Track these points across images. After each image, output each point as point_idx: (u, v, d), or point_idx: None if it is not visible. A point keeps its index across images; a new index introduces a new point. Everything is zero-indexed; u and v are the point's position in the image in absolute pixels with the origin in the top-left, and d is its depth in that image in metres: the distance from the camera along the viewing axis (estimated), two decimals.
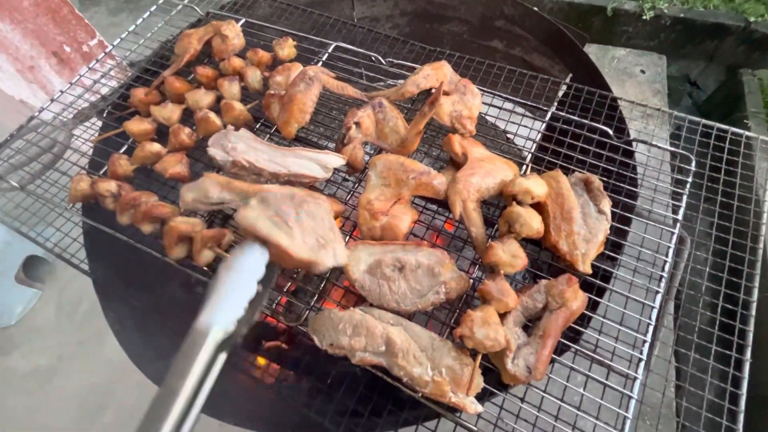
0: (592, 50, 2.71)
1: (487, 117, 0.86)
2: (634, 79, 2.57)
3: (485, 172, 0.65)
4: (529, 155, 0.74)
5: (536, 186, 0.62)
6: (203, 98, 0.79)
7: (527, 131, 0.81)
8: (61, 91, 0.90)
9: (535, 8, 1.12)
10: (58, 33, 1.64)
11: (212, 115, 0.76)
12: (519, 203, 0.63)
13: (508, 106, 0.86)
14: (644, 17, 2.65)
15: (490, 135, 0.83)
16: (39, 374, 1.94)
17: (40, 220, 0.77)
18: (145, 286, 0.82)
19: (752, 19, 2.56)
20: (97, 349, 1.98)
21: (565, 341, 0.62)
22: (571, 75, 1.01)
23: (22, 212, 0.78)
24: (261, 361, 0.97)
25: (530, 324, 0.59)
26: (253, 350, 0.99)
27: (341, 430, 0.59)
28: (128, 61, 1.11)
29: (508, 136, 0.87)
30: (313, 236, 0.56)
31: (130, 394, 1.87)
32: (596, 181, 0.65)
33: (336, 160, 0.70)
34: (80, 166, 0.83)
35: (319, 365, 0.78)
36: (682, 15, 2.63)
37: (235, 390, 0.79)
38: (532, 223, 0.60)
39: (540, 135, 0.76)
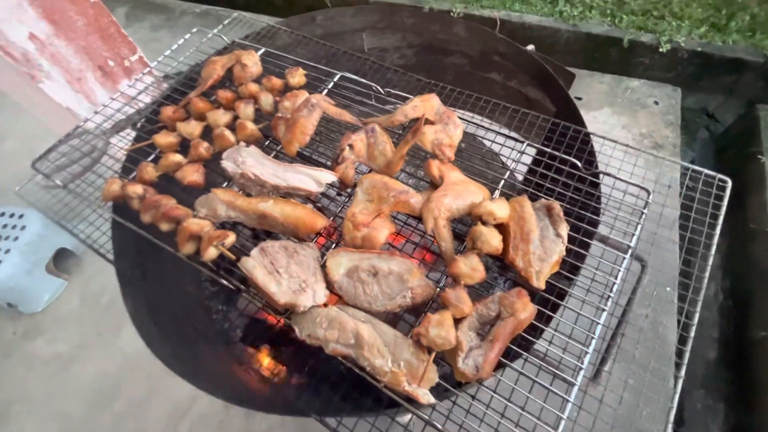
0: (606, 80, 2.78)
1: (484, 141, 0.96)
2: (647, 109, 2.62)
3: (456, 194, 0.75)
4: (502, 181, 0.84)
5: (499, 209, 0.71)
6: (221, 117, 0.93)
7: (506, 160, 0.90)
8: (104, 105, 1.06)
9: (531, 46, 1.22)
10: (104, 49, 1.84)
11: (227, 133, 0.89)
12: (484, 223, 0.72)
13: (496, 134, 0.96)
14: (661, 50, 2.71)
15: (487, 158, 0.93)
16: (59, 360, 2.10)
17: (76, 215, 0.91)
18: (160, 277, 0.94)
19: None
20: (113, 341, 2.13)
21: (517, 349, 0.70)
22: (555, 110, 1.10)
23: (62, 207, 0.93)
24: (262, 358, 1.08)
25: (483, 331, 0.68)
26: (254, 347, 1.10)
27: (314, 409, 0.69)
28: (163, 74, 1.28)
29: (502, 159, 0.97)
30: (297, 282, 0.69)
31: (140, 386, 2.01)
32: (557, 207, 0.74)
33: (328, 177, 0.81)
34: (114, 170, 0.97)
35: (305, 361, 0.88)
36: (699, 49, 2.67)
37: (237, 377, 0.89)
38: (491, 241, 0.69)
39: (514, 164, 0.85)
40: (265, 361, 1.00)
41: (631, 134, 2.53)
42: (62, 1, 1.64)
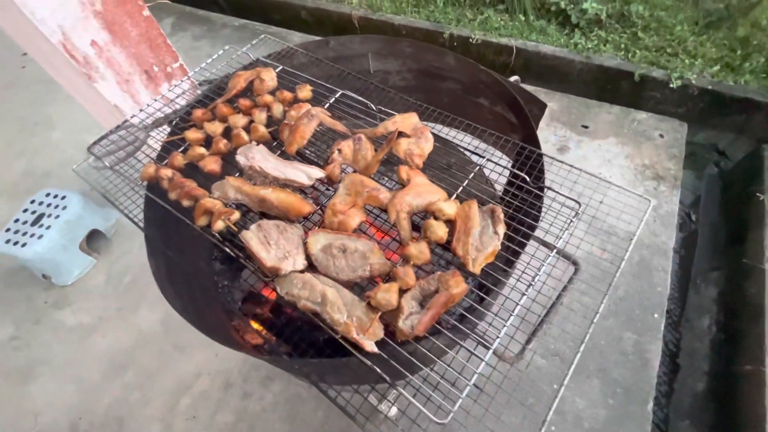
0: (614, 111, 2.92)
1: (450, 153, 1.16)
2: (652, 142, 2.74)
3: (417, 194, 0.94)
4: (461, 187, 1.03)
5: (448, 207, 0.91)
6: (240, 121, 1.17)
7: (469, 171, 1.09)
8: (147, 104, 1.33)
9: (516, 77, 1.41)
10: (151, 56, 2.16)
11: (243, 133, 1.13)
12: (435, 218, 0.92)
13: (464, 149, 1.16)
14: (671, 85, 2.84)
15: (454, 168, 1.13)
16: (82, 329, 2.37)
17: (118, 191, 1.15)
18: (179, 247, 1.17)
19: None
20: (131, 317, 2.39)
21: (456, 323, 0.88)
22: (522, 134, 1.28)
23: (108, 184, 1.18)
24: (254, 324, 1.29)
25: (425, 302, 0.86)
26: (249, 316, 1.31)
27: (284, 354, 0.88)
28: (199, 81, 1.54)
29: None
30: (282, 252, 0.89)
31: (151, 360, 2.24)
32: (498, 210, 0.93)
33: (317, 173, 1.03)
34: (151, 157, 1.22)
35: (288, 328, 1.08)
36: (710, 87, 2.79)
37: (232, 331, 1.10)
38: (438, 231, 0.88)
39: (473, 174, 1.04)
40: (255, 325, 1.20)
41: (633, 164, 2.66)
42: (121, 15, 1.96)
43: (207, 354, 2.19)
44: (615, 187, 0.98)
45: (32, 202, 2.50)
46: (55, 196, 2.54)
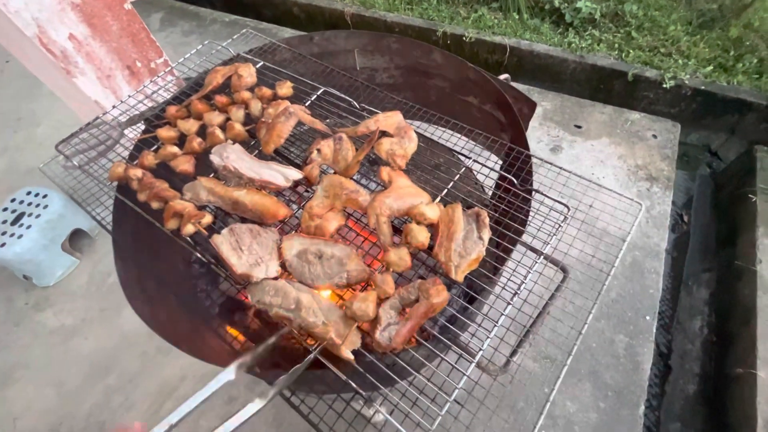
0: (607, 111, 2.89)
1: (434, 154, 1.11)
2: (645, 142, 2.71)
3: (398, 197, 0.89)
4: (445, 190, 0.98)
5: (430, 212, 0.86)
6: (215, 118, 1.11)
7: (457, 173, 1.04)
8: (122, 101, 1.26)
9: (506, 75, 1.37)
10: (134, 51, 2.09)
11: (218, 131, 1.07)
12: (418, 222, 0.86)
13: (449, 150, 1.10)
14: (664, 85, 2.81)
15: (439, 170, 1.08)
16: (63, 331, 2.30)
17: (86, 191, 1.09)
18: (152, 251, 1.11)
19: None
20: (114, 318, 2.32)
21: (437, 334, 0.83)
22: (510, 134, 1.23)
23: (76, 184, 1.12)
24: (231, 331, 1.23)
25: (404, 311, 0.81)
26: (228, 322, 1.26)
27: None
28: (183, 77, 1.48)
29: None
30: (255, 258, 0.84)
31: (134, 363, 2.18)
32: (483, 214, 0.88)
33: (295, 174, 0.97)
34: (123, 157, 1.16)
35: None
36: (702, 87, 2.76)
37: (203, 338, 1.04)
38: (419, 236, 0.83)
39: (458, 176, 0.99)
40: (232, 332, 1.15)
41: (626, 164, 2.62)
42: (101, 8, 1.88)
43: (191, 357, 2.13)
44: (606, 191, 0.93)
45: (12, 200, 2.42)
46: (36, 195, 2.46)
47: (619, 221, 0.96)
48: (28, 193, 2.46)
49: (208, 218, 0.93)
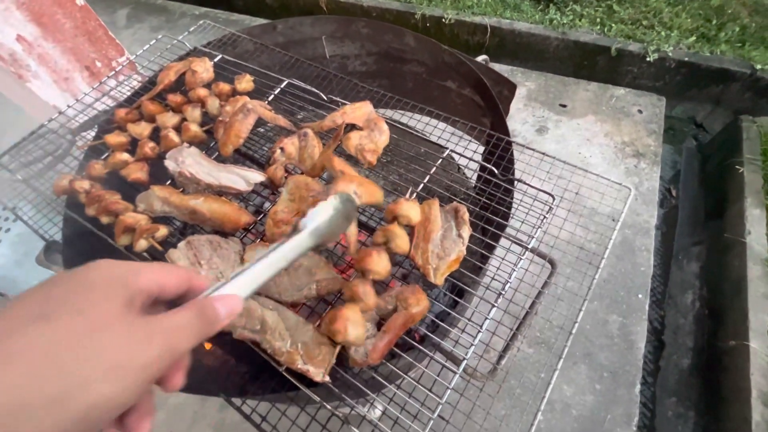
0: (591, 88, 2.82)
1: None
2: (631, 118, 2.65)
3: (361, 186, 0.80)
4: (421, 185, 0.90)
5: (414, 213, 0.78)
6: (169, 120, 1.01)
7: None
8: (68, 106, 1.15)
9: (484, 56, 1.28)
10: (92, 50, 1.95)
11: (172, 134, 0.97)
12: (399, 223, 0.78)
13: (425, 140, 1.02)
14: (648, 59, 2.74)
15: (414, 162, 1.00)
16: None
17: (33, 207, 1.00)
18: None
19: (758, 66, 2.60)
20: None
21: (416, 344, 0.76)
22: (491, 120, 1.15)
23: (21, 200, 1.02)
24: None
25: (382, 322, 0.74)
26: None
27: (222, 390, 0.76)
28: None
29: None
30: (215, 272, 0.76)
31: None
32: (462, 209, 0.80)
33: (257, 177, 0.89)
34: (72, 167, 1.06)
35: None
36: (686, 59, 2.70)
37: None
38: (403, 245, 0.76)
39: (434, 168, 0.91)
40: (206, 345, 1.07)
41: (613, 142, 2.56)
42: (50, 5, 1.75)
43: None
44: (592, 176, 0.86)
45: None
46: (4, 208, 2.33)
47: (607, 207, 0.89)
48: None
49: (162, 231, 0.84)
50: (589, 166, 2.48)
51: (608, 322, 2.15)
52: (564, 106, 2.78)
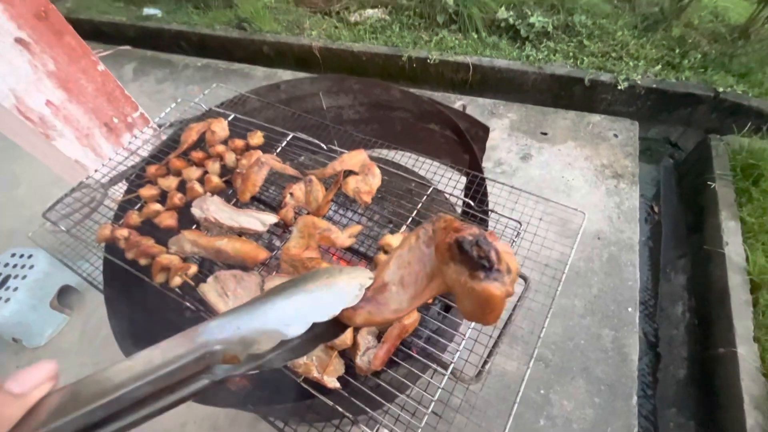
0: (569, 116, 3.05)
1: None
2: (608, 142, 2.87)
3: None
4: (410, 218, 1.08)
5: (396, 242, 0.95)
6: (193, 173, 1.20)
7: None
8: (103, 164, 1.34)
9: (461, 102, 1.48)
10: (109, 109, 2.18)
11: (197, 185, 1.16)
12: (385, 252, 0.96)
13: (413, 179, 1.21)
14: (619, 87, 2.99)
15: (404, 199, 1.18)
16: None
17: (76, 255, 1.16)
18: (143, 305, 1.18)
19: (720, 89, 2.84)
20: None
21: (415, 354, 0.91)
22: (468, 158, 1.34)
23: (65, 248, 1.19)
24: None
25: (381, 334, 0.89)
26: None
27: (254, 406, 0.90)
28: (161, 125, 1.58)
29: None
30: (240, 301, 0.92)
31: None
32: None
33: (271, 219, 1.07)
34: (108, 217, 1.23)
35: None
36: (654, 85, 2.95)
37: None
38: None
39: (421, 203, 1.09)
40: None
41: (593, 165, 2.77)
42: (75, 72, 1.98)
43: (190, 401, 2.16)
44: (552, 203, 1.03)
45: None
46: (21, 256, 2.49)
47: (569, 230, 1.06)
48: (13, 254, 2.49)
49: (193, 269, 1.01)
50: (573, 189, 2.69)
51: (601, 336, 2.27)
52: (545, 134, 3.00)
